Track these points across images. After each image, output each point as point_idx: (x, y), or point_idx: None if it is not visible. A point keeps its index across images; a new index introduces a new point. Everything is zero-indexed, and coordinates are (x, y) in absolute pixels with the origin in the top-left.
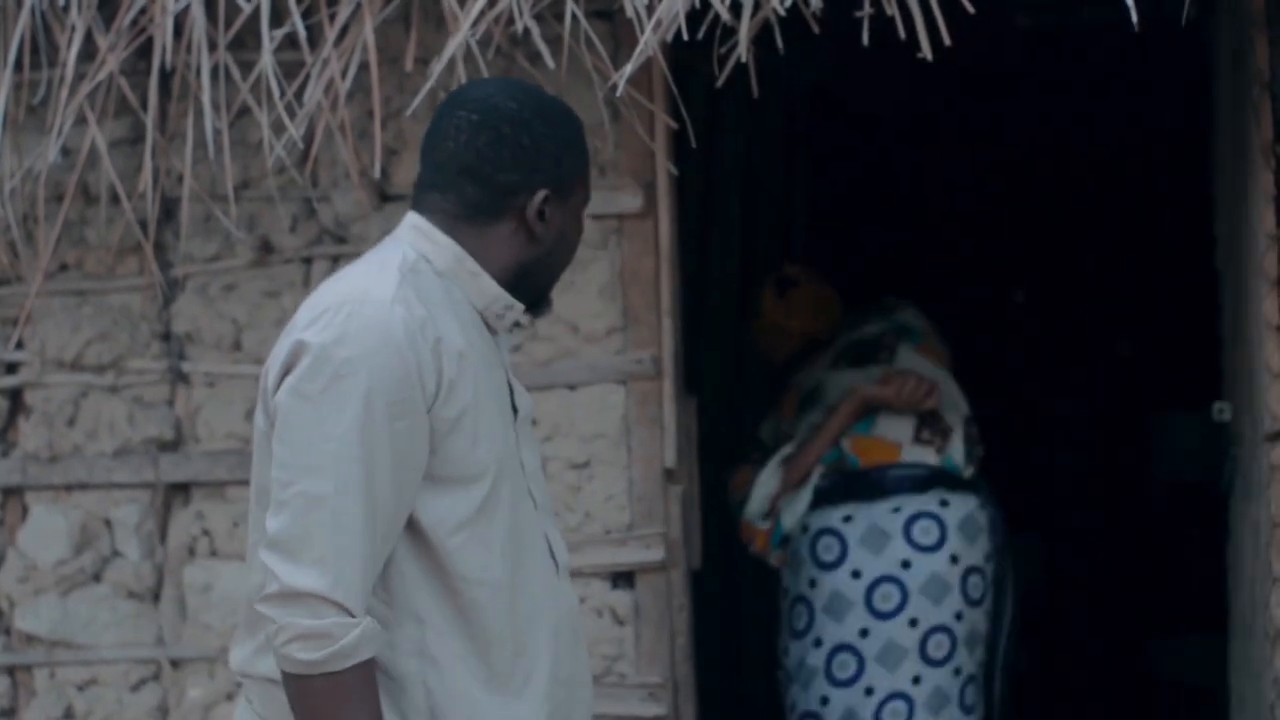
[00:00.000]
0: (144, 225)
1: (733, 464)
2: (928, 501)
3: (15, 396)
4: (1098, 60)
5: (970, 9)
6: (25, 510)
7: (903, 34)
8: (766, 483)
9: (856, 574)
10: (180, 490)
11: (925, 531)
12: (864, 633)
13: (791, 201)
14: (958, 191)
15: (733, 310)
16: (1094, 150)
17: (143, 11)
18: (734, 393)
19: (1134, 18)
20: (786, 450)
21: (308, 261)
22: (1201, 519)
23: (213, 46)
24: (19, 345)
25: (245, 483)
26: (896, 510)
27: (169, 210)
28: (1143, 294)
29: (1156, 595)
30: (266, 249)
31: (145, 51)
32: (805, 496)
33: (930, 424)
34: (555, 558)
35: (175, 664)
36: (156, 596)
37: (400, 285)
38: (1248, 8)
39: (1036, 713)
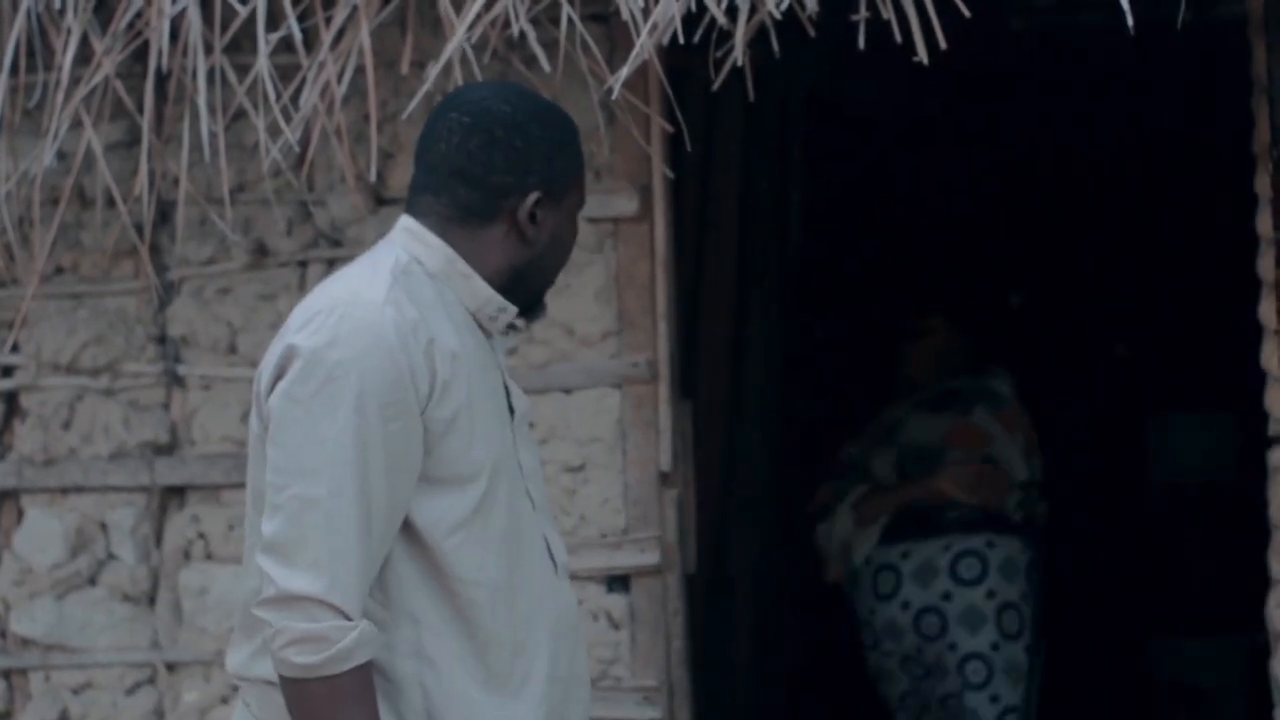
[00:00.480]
0: (139, 228)
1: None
2: (975, 541)
3: (11, 399)
4: (1095, 62)
5: (965, 12)
6: (20, 513)
7: (898, 37)
8: (841, 526)
9: (906, 605)
10: (176, 493)
11: (969, 568)
12: (918, 650)
13: (788, 205)
14: (954, 194)
15: (729, 314)
16: (1092, 152)
17: (138, 15)
18: (731, 395)
19: (1129, 21)
20: (859, 492)
21: (303, 265)
22: (1201, 520)
23: (208, 50)
24: (14, 348)
25: (241, 486)
26: (947, 548)
27: (164, 213)
28: (1142, 295)
29: (1156, 596)
30: (262, 252)
31: (141, 55)
32: (874, 536)
33: (991, 477)
34: (554, 558)
35: (171, 667)
36: (152, 600)
37: (392, 287)
38: (1247, 12)
39: (1036, 713)
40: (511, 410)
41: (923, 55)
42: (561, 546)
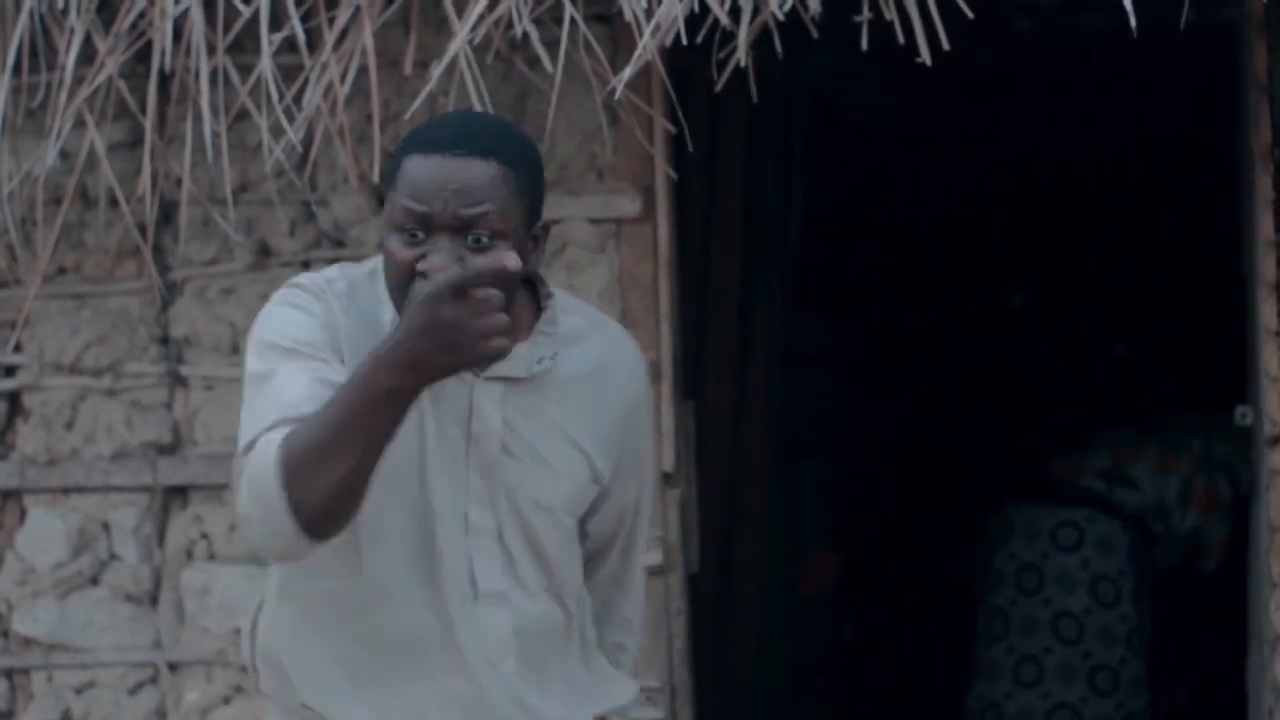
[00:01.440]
0: (142, 228)
1: None
2: (1077, 514)
3: (13, 399)
4: (1098, 63)
5: (968, 13)
6: (23, 513)
7: (901, 38)
8: None
9: (1012, 556)
10: (178, 493)
11: (1066, 536)
12: (1012, 603)
13: (790, 205)
14: (956, 195)
15: (733, 315)
16: (1094, 152)
17: (141, 15)
18: (735, 396)
19: (1133, 21)
20: None
21: (306, 265)
22: None
23: (211, 50)
24: (17, 348)
25: None
26: (1051, 514)
27: (167, 213)
28: (1142, 295)
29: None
30: (265, 253)
31: (144, 55)
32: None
33: (1119, 473)
34: (476, 584)
35: (173, 667)
36: (154, 600)
37: (328, 278)
38: (1246, 12)
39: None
40: (470, 432)
41: (925, 56)
42: (497, 573)
